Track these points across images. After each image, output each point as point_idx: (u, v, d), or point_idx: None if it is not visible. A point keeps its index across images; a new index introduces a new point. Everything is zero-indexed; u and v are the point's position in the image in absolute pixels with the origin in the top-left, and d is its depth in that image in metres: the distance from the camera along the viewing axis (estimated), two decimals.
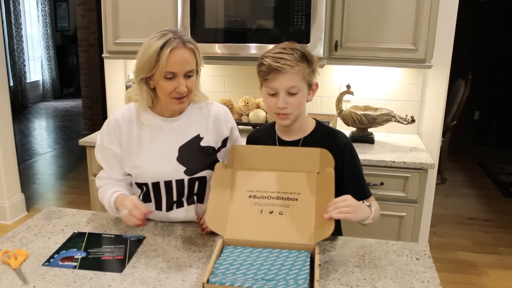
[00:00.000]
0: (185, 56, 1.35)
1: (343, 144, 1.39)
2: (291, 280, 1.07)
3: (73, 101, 8.18)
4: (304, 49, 1.33)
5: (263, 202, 1.28)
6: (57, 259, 1.25)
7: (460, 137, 5.38)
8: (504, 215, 3.57)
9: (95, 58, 5.59)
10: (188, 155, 1.47)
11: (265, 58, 1.31)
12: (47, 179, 4.37)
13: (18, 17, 7.34)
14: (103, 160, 1.49)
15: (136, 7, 2.41)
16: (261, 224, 1.24)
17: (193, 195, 1.51)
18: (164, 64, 1.32)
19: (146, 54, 1.34)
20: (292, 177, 1.31)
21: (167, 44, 1.32)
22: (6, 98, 3.20)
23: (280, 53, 1.29)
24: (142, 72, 1.36)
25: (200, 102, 1.52)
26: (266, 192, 1.30)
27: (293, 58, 1.28)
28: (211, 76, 2.76)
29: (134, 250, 1.31)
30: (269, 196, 1.29)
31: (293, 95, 1.31)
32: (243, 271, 1.11)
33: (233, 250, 1.20)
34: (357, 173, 1.40)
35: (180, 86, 1.36)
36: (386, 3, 2.18)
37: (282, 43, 1.35)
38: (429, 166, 2.08)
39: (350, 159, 1.39)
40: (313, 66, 1.33)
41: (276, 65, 1.27)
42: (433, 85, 2.52)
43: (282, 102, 1.31)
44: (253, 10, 2.23)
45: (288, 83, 1.29)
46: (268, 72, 1.30)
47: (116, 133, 1.45)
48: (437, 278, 1.18)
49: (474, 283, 2.60)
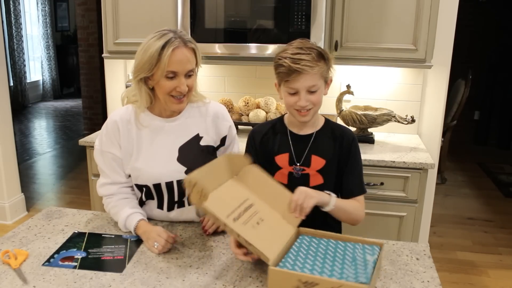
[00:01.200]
0: (186, 56, 1.36)
1: (351, 138, 1.45)
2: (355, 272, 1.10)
3: (73, 101, 8.18)
4: (319, 47, 1.36)
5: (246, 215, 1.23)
6: (57, 259, 1.25)
7: (460, 137, 5.38)
8: (504, 215, 3.57)
9: (95, 58, 5.59)
10: (189, 155, 1.47)
11: (283, 59, 1.32)
12: (47, 179, 4.37)
13: (18, 17, 7.33)
14: (104, 165, 1.48)
15: (136, 7, 2.41)
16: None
17: None
18: (166, 64, 1.32)
19: (146, 54, 1.34)
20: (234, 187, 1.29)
21: (169, 43, 1.32)
22: (6, 98, 3.20)
23: (298, 54, 1.31)
24: (142, 72, 1.36)
25: (197, 101, 1.53)
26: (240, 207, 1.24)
27: (311, 58, 1.31)
28: (211, 76, 2.76)
29: (134, 250, 1.32)
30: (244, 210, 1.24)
31: (313, 93, 1.35)
32: (311, 260, 1.15)
33: (302, 239, 1.24)
34: (359, 167, 1.46)
35: (181, 85, 1.37)
36: (386, 3, 2.18)
37: (295, 41, 1.37)
38: (429, 166, 2.08)
39: (354, 154, 1.44)
40: (329, 63, 1.37)
41: (296, 67, 1.30)
42: (433, 85, 2.51)
43: (304, 101, 1.34)
44: (253, 10, 2.23)
45: (308, 83, 1.32)
46: (288, 73, 1.32)
47: (115, 135, 1.45)
48: (437, 278, 1.18)
49: (474, 283, 2.60)
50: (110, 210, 1.48)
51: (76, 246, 1.33)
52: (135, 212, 1.43)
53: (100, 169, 1.50)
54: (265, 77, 2.71)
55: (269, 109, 2.53)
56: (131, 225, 1.40)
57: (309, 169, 1.42)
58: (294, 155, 1.43)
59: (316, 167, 1.42)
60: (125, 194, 1.49)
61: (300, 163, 1.42)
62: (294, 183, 1.39)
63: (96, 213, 1.57)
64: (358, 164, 1.45)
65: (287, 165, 1.44)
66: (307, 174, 1.42)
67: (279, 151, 1.45)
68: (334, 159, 1.42)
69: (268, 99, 2.54)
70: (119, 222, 1.44)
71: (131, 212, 1.43)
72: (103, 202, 1.51)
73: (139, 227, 1.39)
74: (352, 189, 1.43)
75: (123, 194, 1.49)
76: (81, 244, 1.34)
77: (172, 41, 1.33)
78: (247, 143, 1.54)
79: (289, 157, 1.44)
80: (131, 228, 1.40)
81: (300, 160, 1.43)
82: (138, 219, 1.41)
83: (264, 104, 2.53)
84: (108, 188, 1.49)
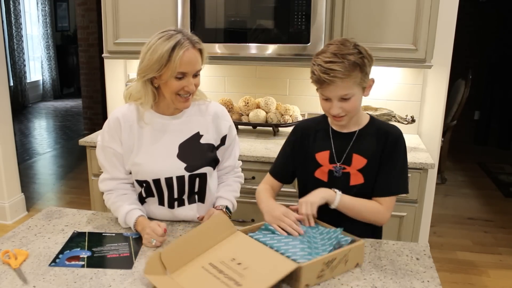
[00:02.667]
0: (195, 57, 1.39)
1: (396, 137, 1.39)
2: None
3: (73, 101, 8.18)
4: (356, 56, 1.28)
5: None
6: (62, 259, 1.26)
7: (460, 137, 5.38)
8: (504, 215, 3.57)
9: (95, 58, 5.59)
10: (189, 152, 1.48)
11: (316, 66, 1.29)
12: (47, 179, 4.37)
13: (18, 17, 7.33)
14: (105, 160, 1.50)
15: (136, 7, 2.41)
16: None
17: (194, 193, 1.51)
18: (177, 65, 1.34)
19: (155, 54, 1.35)
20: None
21: (179, 45, 1.34)
22: (6, 98, 3.20)
23: (330, 63, 1.26)
24: (151, 72, 1.38)
25: (198, 100, 1.54)
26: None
27: (343, 67, 1.25)
28: (211, 76, 2.76)
29: (138, 246, 1.33)
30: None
31: (346, 100, 1.31)
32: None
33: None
34: (396, 168, 1.40)
35: (190, 85, 1.39)
36: (386, 3, 2.18)
37: (334, 42, 1.31)
38: (429, 166, 2.08)
39: (395, 153, 1.39)
40: (366, 70, 1.31)
41: (325, 77, 1.26)
42: (433, 85, 2.51)
43: (336, 109, 1.32)
44: (253, 10, 2.23)
45: (340, 92, 1.29)
46: (318, 82, 1.30)
47: (117, 131, 1.46)
48: (437, 278, 1.18)
49: (474, 283, 2.60)
50: (110, 206, 1.50)
51: (79, 245, 1.33)
52: (134, 208, 1.45)
53: (101, 165, 1.51)
54: (265, 77, 2.71)
55: (269, 109, 2.53)
56: (131, 222, 1.43)
57: (349, 168, 1.40)
58: (335, 153, 1.41)
59: (357, 166, 1.39)
60: (124, 190, 1.51)
61: (340, 162, 1.40)
62: (334, 182, 1.39)
63: (96, 213, 1.57)
64: (396, 165, 1.39)
65: (328, 163, 1.42)
66: (347, 173, 1.40)
67: (320, 148, 1.43)
68: (376, 159, 1.39)
69: (268, 99, 2.54)
70: (119, 218, 1.46)
71: (130, 208, 1.45)
72: (104, 198, 1.53)
73: (138, 223, 1.42)
74: (377, 189, 1.40)
75: (122, 190, 1.51)
76: (84, 243, 1.34)
77: (182, 43, 1.35)
78: (289, 138, 1.53)
79: (330, 155, 1.42)
80: (131, 224, 1.43)
81: (341, 159, 1.41)
82: (138, 215, 1.43)
83: (264, 104, 2.53)
84: (107, 184, 1.51)
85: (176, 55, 1.33)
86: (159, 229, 1.34)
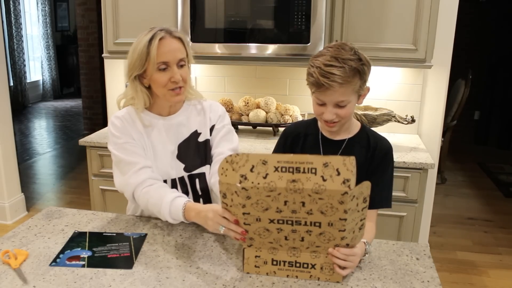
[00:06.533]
0: (174, 45, 1.37)
1: (385, 150, 1.38)
2: None
3: (73, 101, 8.18)
4: (357, 62, 1.24)
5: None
6: (63, 259, 1.25)
7: (460, 137, 5.38)
8: (504, 215, 3.57)
9: (95, 58, 5.59)
10: (186, 151, 1.48)
11: (314, 68, 1.24)
12: (47, 179, 4.36)
13: (18, 17, 7.33)
14: (128, 156, 1.40)
15: (136, 7, 2.41)
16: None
17: (199, 197, 1.51)
18: (155, 55, 1.34)
19: (136, 50, 1.36)
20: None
21: (155, 36, 1.35)
22: (6, 98, 3.20)
23: (330, 66, 1.22)
24: (135, 70, 1.38)
25: (194, 99, 1.54)
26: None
27: (343, 73, 1.21)
28: (211, 76, 2.76)
29: (139, 246, 1.33)
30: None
31: (341, 107, 1.28)
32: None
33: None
34: (383, 182, 1.38)
35: (175, 75, 1.37)
36: (386, 3, 2.18)
37: (334, 45, 1.27)
38: (429, 166, 2.08)
39: (383, 167, 1.37)
40: (365, 78, 1.28)
41: (324, 81, 1.22)
42: (433, 85, 2.52)
43: (330, 115, 1.28)
44: (253, 10, 2.23)
45: (337, 97, 1.25)
46: (316, 86, 1.26)
47: (126, 127, 1.44)
48: (437, 278, 1.18)
49: (474, 283, 2.60)
50: (149, 199, 1.37)
51: (80, 245, 1.33)
52: (178, 196, 1.35)
53: (125, 163, 1.41)
54: (265, 77, 2.71)
55: (269, 109, 2.53)
56: (178, 209, 1.31)
57: None
58: None
59: None
60: (159, 180, 1.42)
61: None
62: None
63: (96, 213, 1.57)
64: (383, 179, 1.37)
65: None
66: None
67: (308, 154, 1.42)
68: (363, 169, 1.34)
69: (268, 99, 2.54)
70: (163, 210, 1.34)
71: (174, 196, 1.34)
72: (136, 195, 1.41)
73: (187, 209, 1.30)
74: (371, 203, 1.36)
75: (160, 181, 1.42)
76: (84, 243, 1.34)
77: (158, 33, 1.35)
78: (279, 141, 1.50)
79: None
80: (179, 213, 1.31)
81: None
82: (184, 201, 1.32)
83: (264, 104, 2.53)
84: (140, 174, 1.39)
85: (153, 45, 1.33)
86: (221, 209, 1.16)
